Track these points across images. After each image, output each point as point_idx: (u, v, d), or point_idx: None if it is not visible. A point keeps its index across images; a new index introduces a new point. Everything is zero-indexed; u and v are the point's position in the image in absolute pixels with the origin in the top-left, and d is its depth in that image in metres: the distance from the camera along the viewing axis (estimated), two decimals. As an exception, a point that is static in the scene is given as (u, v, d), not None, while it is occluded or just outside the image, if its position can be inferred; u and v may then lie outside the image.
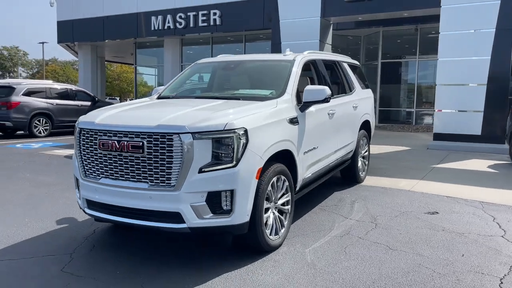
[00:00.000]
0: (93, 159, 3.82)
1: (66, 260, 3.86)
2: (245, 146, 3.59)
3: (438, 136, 11.05)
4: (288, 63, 4.99)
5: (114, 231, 4.66)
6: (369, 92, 7.37)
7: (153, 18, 18.64)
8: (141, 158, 3.56)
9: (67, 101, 15.04)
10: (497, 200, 5.87)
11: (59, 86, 15.51)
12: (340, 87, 6.19)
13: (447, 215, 5.21)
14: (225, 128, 3.51)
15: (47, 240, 4.41)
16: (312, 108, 4.81)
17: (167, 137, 3.48)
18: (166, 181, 3.50)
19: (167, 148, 3.48)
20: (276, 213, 4.15)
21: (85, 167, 3.90)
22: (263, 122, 3.91)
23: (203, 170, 3.46)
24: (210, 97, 4.78)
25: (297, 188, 4.59)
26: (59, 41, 22.33)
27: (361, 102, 6.64)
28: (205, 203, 3.49)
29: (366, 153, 7.03)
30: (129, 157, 3.61)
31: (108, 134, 3.69)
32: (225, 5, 16.78)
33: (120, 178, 3.68)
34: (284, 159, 4.26)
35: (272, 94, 4.59)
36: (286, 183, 4.24)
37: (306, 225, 4.80)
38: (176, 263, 3.79)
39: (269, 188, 3.93)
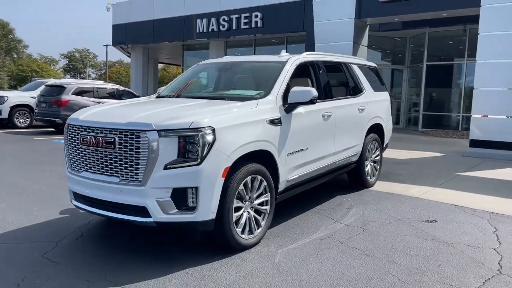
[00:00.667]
0: (76, 153, 4.07)
1: (50, 247, 4.12)
2: (211, 145, 3.67)
3: (475, 143, 10.49)
4: (279, 64, 5.00)
5: (107, 224, 4.89)
6: (383, 95, 7.17)
7: (198, 21, 19.16)
8: (113, 154, 3.75)
9: (112, 100, 15.81)
10: (510, 212, 5.51)
11: (107, 86, 16.34)
12: (344, 89, 6.09)
13: (445, 224, 4.99)
14: (190, 127, 3.62)
15: (43, 228, 4.73)
16: (301, 110, 4.79)
17: (135, 134, 3.64)
18: (134, 176, 3.66)
19: (135, 145, 3.64)
20: (252, 213, 4.19)
21: (71, 161, 4.15)
22: (235, 122, 3.97)
23: (168, 166, 3.58)
24: (198, 97, 4.91)
25: (281, 189, 4.59)
26: (113, 44, 23.54)
27: (371, 105, 6.48)
28: (170, 198, 3.61)
29: (378, 157, 6.84)
30: (104, 152, 3.81)
31: (87, 130, 3.92)
32: (267, 7, 16.89)
33: (97, 172, 3.89)
34: (263, 159, 4.29)
35: (258, 95, 4.63)
36: (264, 183, 4.26)
37: (292, 227, 4.79)
38: (149, 256, 3.94)
39: (241, 187, 3.98)
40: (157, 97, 5.40)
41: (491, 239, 4.50)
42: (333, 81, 5.86)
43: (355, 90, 6.27)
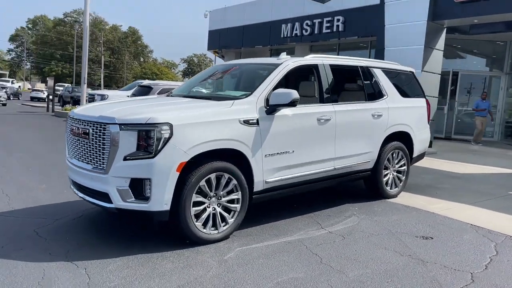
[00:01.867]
0: (69, 142, 4.59)
1: (47, 224, 4.70)
2: (167, 140, 3.90)
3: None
4: (272, 67, 5.04)
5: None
6: (415, 101, 6.70)
7: (283, 26, 19.42)
8: (88, 143, 4.19)
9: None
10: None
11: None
12: (356, 93, 5.86)
13: (440, 242, 4.58)
14: (146, 122, 3.89)
15: (57, 206, 5.37)
16: (287, 112, 4.78)
17: (102, 126, 4.03)
18: (102, 165, 4.05)
19: (102, 136, 4.03)
20: (219, 209, 4.32)
21: (68, 149, 4.69)
22: (198, 120, 4.15)
23: (127, 158, 3.90)
24: (191, 96, 5.17)
25: (257, 190, 4.63)
26: (208, 48, 24.88)
27: (394, 111, 6.13)
28: (128, 188, 3.93)
29: (403, 168, 6.43)
30: (82, 142, 4.27)
31: (75, 122, 4.42)
32: (349, 11, 16.54)
33: (79, 159, 4.37)
34: (236, 158, 4.39)
35: (244, 95, 4.73)
36: (234, 182, 4.37)
37: (272, 228, 4.81)
38: (115, 240, 4.30)
39: (203, 183, 4.14)
40: (167, 95, 5.77)
41: (479, 263, 4.05)
42: (341, 85, 5.70)
43: (372, 95, 5.99)
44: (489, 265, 4.02)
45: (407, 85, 6.79)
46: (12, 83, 53.68)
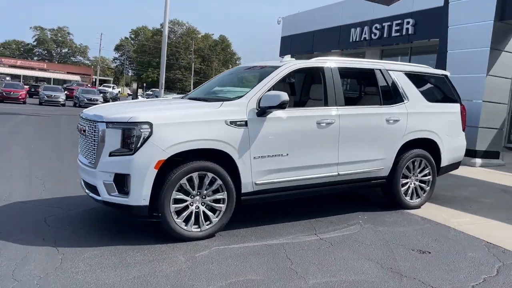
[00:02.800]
0: (79, 140, 5.00)
1: (58, 213, 5.15)
2: (147, 138, 4.10)
3: None
4: (272, 69, 5.04)
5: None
6: (446, 107, 6.21)
7: (352, 30, 19.00)
8: (85, 140, 4.54)
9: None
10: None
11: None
12: (368, 97, 5.62)
13: (435, 257, 4.25)
14: (128, 121, 4.13)
15: (74, 198, 5.81)
16: (281, 114, 4.76)
17: (93, 124, 4.35)
18: (93, 160, 4.36)
19: (93, 133, 4.34)
20: (202, 208, 4.42)
21: (79, 147, 5.11)
22: (180, 120, 4.30)
23: (112, 154, 4.17)
24: (193, 98, 5.33)
25: (246, 191, 4.65)
26: (280, 55, 25.08)
27: (415, 116, 5.75)
28: (112, 182, 4.19)
29: (427, 177, 6.00)
30: (82, 138, 4.65)
31: (80, 120, 4.80)
32: (419, 13, 15.73)
33: (82, 155, 4.74)
34: (223, 159, 4.47)
35: (236, 98, 4.79)
36: (219, 182, 4.44)
37: (262, 230, 4.79)
38: (108, 231, 4.59)
39: (184, 181, 4.27)
40: (182, 97, 6.00)
41: (466, 283, 3.69)
42: (351, 88, 5.51)
43: (389, 99, 5.68)
44: (478, 285, 3.64)
45: (437, 89, 6.34)
46: (113, 88, 58.51)
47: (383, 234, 4.85)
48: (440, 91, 6.35)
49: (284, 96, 4.55)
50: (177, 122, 4.28)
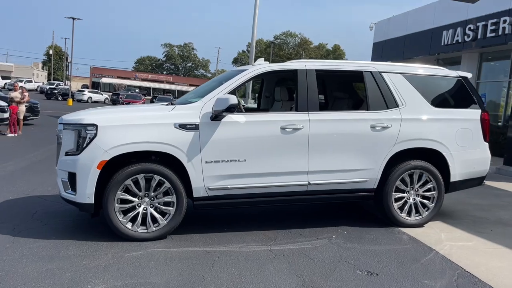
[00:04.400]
0: None
1: (53, 207, 5.63)
2: (92, 139, 4.33)
3: None
4: (238, 73, 4.94)
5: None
6: (460, 113, 5.37)
7: (444, 32, 17.37)
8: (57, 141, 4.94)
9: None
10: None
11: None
12: (350, 101, 5.15)
13: (377, 282, 3.74)
14: (77, 122, 4.42)
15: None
16: (239, 118, 4.64)
17: (58, 126, 4.72)
18: (56, 159, 4.73)
19: (57, 134, 4.71)
20: (150, 210, 4.51)
21: None
22: (127, 123, 4.45)
23: (67, 153, 4.49)
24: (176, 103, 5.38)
25: (198, 196, 4.61)
26: (372, 60, 24.01)
27: (411, 123, 5.09)
28: (67, 180, 4.50)
29: (431, 192, 5.27)
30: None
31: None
32: (516, 10, 13.85)
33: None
34: (173, 162, 4.51)
35: (195, 101, 4.80)
36: (167, 185, 4.49)
37: (220, 237, 4.70)
38: (75, 227, 4.91)
39: (129, 182, 4.40)
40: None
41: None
42: (330, 92, 5.13)
43: (379, 103, 5.12)
44: (394, 317, 3.14)
45: (450, 94, 5.54)
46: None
47: (345, 251, 4.41)
48: (453, 95, 5.54)
49: (232, 99, 4.43)
50: (122, 124, 4.43)
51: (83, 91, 51.16)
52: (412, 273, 3.93)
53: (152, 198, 4.51)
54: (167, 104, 5.05)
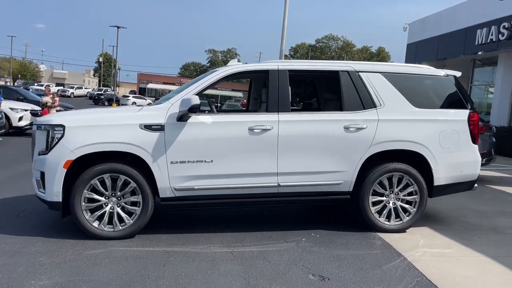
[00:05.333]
0: None
1: (42, 207, 5.84)
2: (59, 139, 4.47)
3: None
4: (209, 74, 4.95)
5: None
6: (444, 113, 5.09)
7: (478, 31, 16.58)
8: (37, 141, 5.14)
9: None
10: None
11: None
12: (324, 102, 5.01)
13: (325, 284, 3.62)
14: (47, 123, 4.59)
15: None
16: (205, 119, 4.65)
17: (33, 126, 4.91)
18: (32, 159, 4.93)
19: (33, 135, 4.90)
20: (117, 209, 4.59)
21: None
22: (93, 123, 4.57)
23: (40, 153, 4.66)
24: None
25: (165, 196, 4.64)
26: (406, 63, 23.26)
27: (389, 124, 4.89)
28: (39, 179, 4.67)
29: (413, 197, 5.02)
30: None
31: None
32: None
33: None
34: (140, 162, 4.59)
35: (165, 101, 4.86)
36: (133, 185, 4.56)
37: (186, 238, 4.70)
38: (54, 225, 5.06)
39: (95, 181, 4.51)
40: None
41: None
42: (303, 93, 5.02)
43: (354, 104, 4.94)
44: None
45: (435, 93, 5.27)
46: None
47: (308, 255, 4.29)
48: (439, 95, 5.26)
49: (195, 100, 4.45)
50: (88, 125, 4.55)
51: (128, 96, 52.98)
52: (367, 279, 3.76)
53: (119, 198, 4.59)
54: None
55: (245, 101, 64.60)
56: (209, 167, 4.66)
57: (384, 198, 5.03)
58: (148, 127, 4.56)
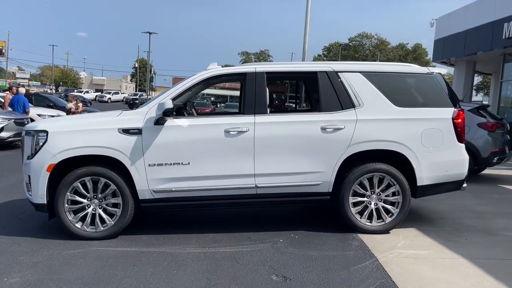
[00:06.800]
0: None
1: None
2: (43, 144, 4.70)
3: None
4: (190, 77, 5.06)
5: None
6: (427, 112, 4.95)
7: (505, 25, 15.91)
8: (27, 146, 5.39)
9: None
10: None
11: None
12: (301, 103, 5.00)
13: (285, 284, 3.64)
14: (33, 129, 4.82)
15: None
16: (182, 122, 4.77)
17: (22, 132, 5.17)
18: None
19: (22, 140, 5.16)
20: (99, 210, 4.77)
21: None
22: (74, 128, 4.77)
23: (28, 158, 4.91)
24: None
25: (144, 198, 4.77)
26: (433, 60, 22.54)
27: (369, 124, 4.82)
28: (28, 182, 4.92)
29: (395, 197, 4.93)
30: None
31: None
32: None
33: None
34: (119, 165, 4.75)
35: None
36: (113, 187, 4.73)
37: (166, 239, 4.82)
38: (43, 227, 5.30)
39: (77, 184, 4.70)
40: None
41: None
42: (280, 94, 5.03)
43: (332, 104, 4.91)
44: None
45: (418, 92, 5.15)
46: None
47: (279, 256, 4.31)
48: (422, 93, 5.13)
49: (168, 104, 4.56)
50: (70, 130, 4.75)
51: (161, 100, 53.95)
52: (330, 280, 3.74)
53: (101, 200, 4.76)
54: None
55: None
56: (186, 169, 4.76)
57: (365, 198, 4.97)
58: (126, 131, 4.71)
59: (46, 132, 4.69)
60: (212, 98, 67.45)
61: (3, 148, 11.64)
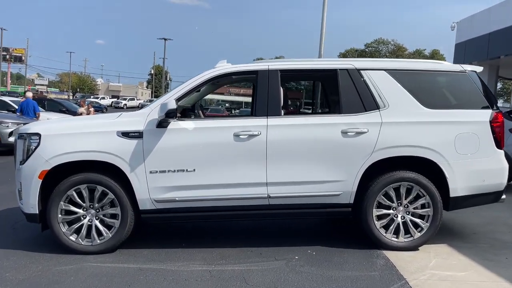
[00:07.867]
0: None
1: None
2: (35, 149, 4.29)
3: None
4: (196, 76, 4.61)
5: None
6: (462, 114, 4.41)
7: (531, 26, 15.23)
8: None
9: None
10: None
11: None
12: (323, 104, 4.50)
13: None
14: (25, 132, 4.42)
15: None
16: (187, 125, 4.32)
17: (15, 135, 4.78)
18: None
19: (14, 144, 4.75)
20: (95, 222, 4.33)
21: None
22: (69, 131, 4.36)
23: (20, 163, 4.51)
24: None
25: (145, 208, 4.32)
26: (454, 63, 21.78)
27: (395, 127, 4.31)
28: (21, 189, 4.51)
29: (425, 210, 4.39)
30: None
31: None
32: None
33: None
34: (118, 172, 4.31)
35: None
36: (111, 196, 4.29)
37: (169, 253, 4.37)
38: (37, 236, 4.89)
39: (71, 193, 4.28)
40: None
41: None
42: (296, 94, 4.54)
43: (354, 105, 4.40)
44: None
45: (450, 92, 4.62)
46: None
47: (294, 276, 3.81)
48: (455, 94, 4.60)
49: (171, 104, 4.12)
50: (64, 133, 4.33)
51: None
52: (353, 307, 3.23)
53: (98, 210, 4.32)
54: None
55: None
56: (191, 176, 4.29)
57: (391, 211, 4.44)
58: (125, 134, 4.27)
59: (38, 135, 4.28)
60: (226, 104, 67.08)
61: (12, 153, 11.35)
